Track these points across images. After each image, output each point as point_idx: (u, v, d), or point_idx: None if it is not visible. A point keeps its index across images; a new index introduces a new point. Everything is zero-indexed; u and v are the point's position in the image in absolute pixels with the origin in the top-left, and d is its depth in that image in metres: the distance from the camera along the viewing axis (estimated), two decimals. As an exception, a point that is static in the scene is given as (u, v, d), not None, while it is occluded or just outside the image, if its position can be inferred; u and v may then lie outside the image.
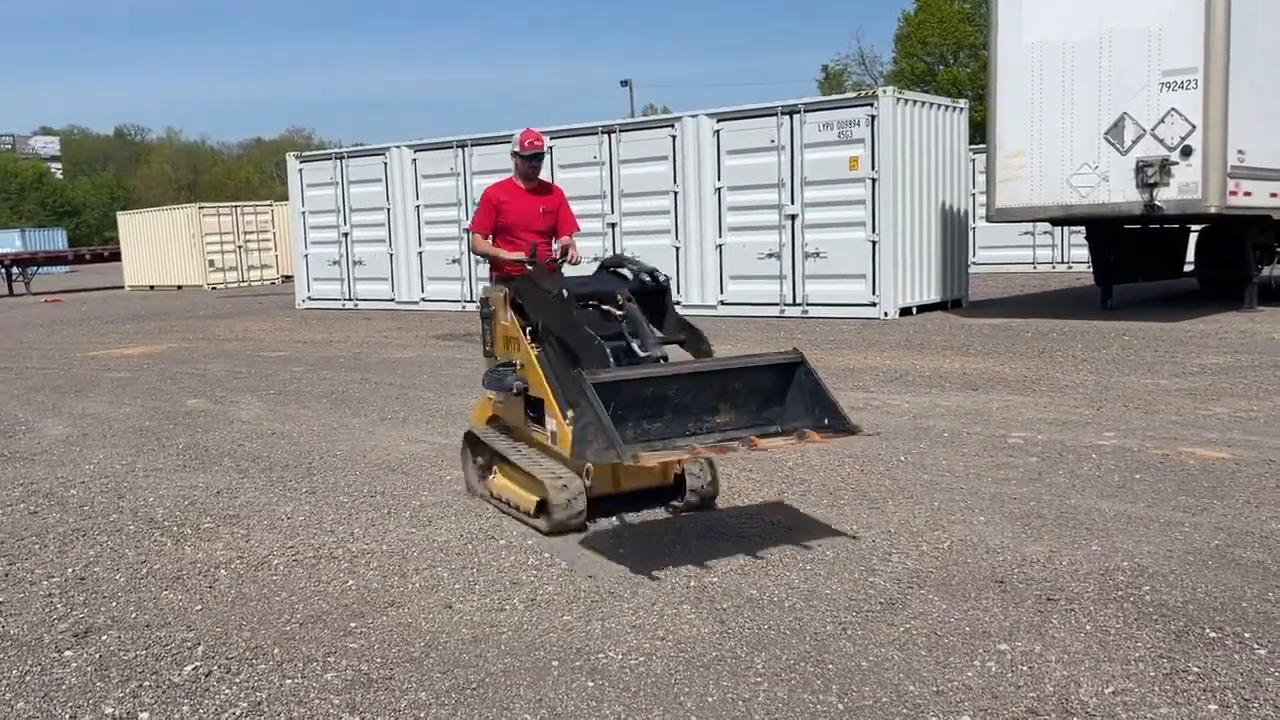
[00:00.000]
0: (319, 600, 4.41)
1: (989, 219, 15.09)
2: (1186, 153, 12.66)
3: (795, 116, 15.76)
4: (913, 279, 15.69)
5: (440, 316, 18.74)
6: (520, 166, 6.27)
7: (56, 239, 56.43)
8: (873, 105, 15.09)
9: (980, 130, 18.88)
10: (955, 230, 16.72)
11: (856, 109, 15.34)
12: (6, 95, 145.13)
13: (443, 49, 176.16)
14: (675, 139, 16.99)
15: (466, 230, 6.62)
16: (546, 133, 18.14)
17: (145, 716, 3.42)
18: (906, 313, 15.45)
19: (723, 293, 16.62)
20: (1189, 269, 17.11)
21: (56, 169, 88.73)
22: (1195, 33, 12.52)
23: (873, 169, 15.04)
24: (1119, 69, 13.01)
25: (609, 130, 17.92)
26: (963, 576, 4.36)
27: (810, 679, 3.49)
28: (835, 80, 57.43)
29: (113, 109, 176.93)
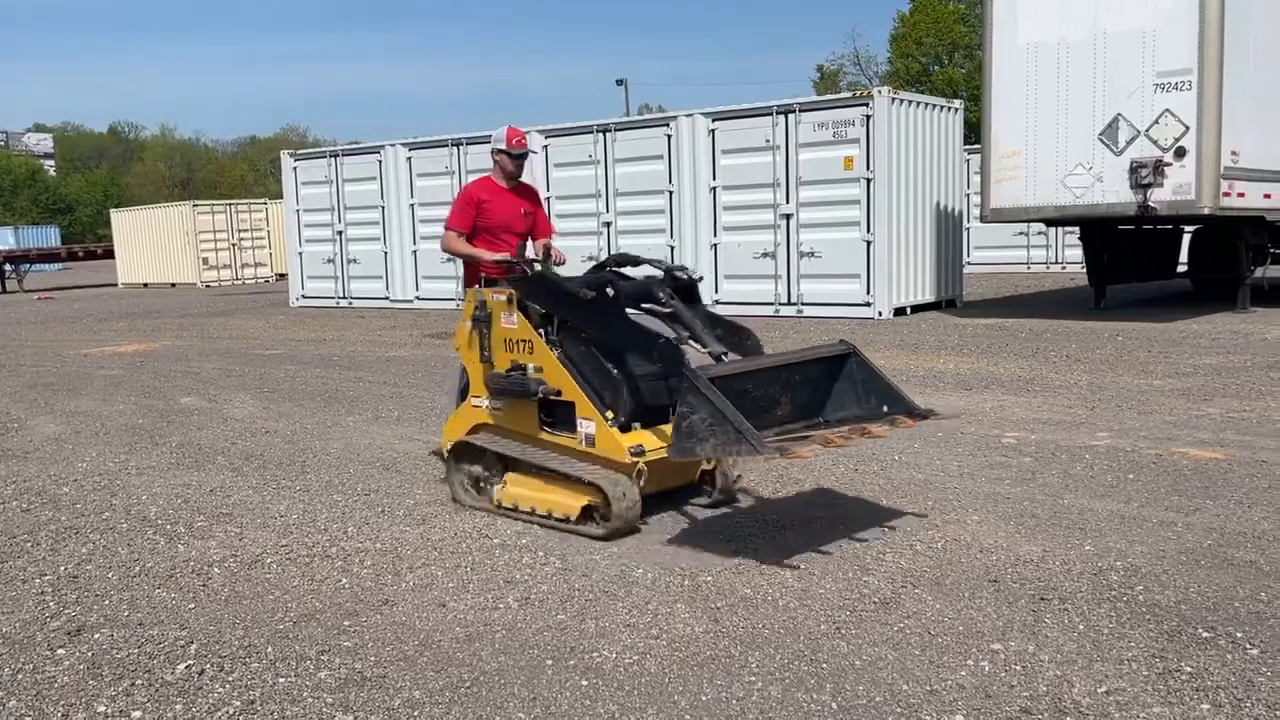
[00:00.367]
0: (312, 599, 4.41)
1: (983, 219, 15.10)
2: (1180, 154, 12.68)
3: (790, 116, 15.77)
4: (907, 279, 15.71)
5: (435, 315, 18.72)
6: (507, 165, 6.17)
7: (50, 236, 56.26)
8: (868, 105, 15.11)
9: (975, 131, 18.87)
10: (950, 230, 16.75)
11: (851, 109, 15.35)
12: (0, 91, 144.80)
13: (438, 47, 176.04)
14: (670, 138, 17.00)
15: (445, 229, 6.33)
16: (541, 131, 18.34)
17: (138, 715, 3.41)
18: (901, 312, 15.47)
19: (717, 292, 16.62)
20: (1182, 270, 17.14)
21: (50, 166, 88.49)
22: (1189, 34, 12.54)
23: (868, 169, 15.06)
24: (1113, 70, 13.03)
25: (604, 129, 17.92)
26: (956, 576, 4.37)
27: (804, 678, 3.49)
28: (830, 80, 57.53)
29: (107, 106, 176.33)
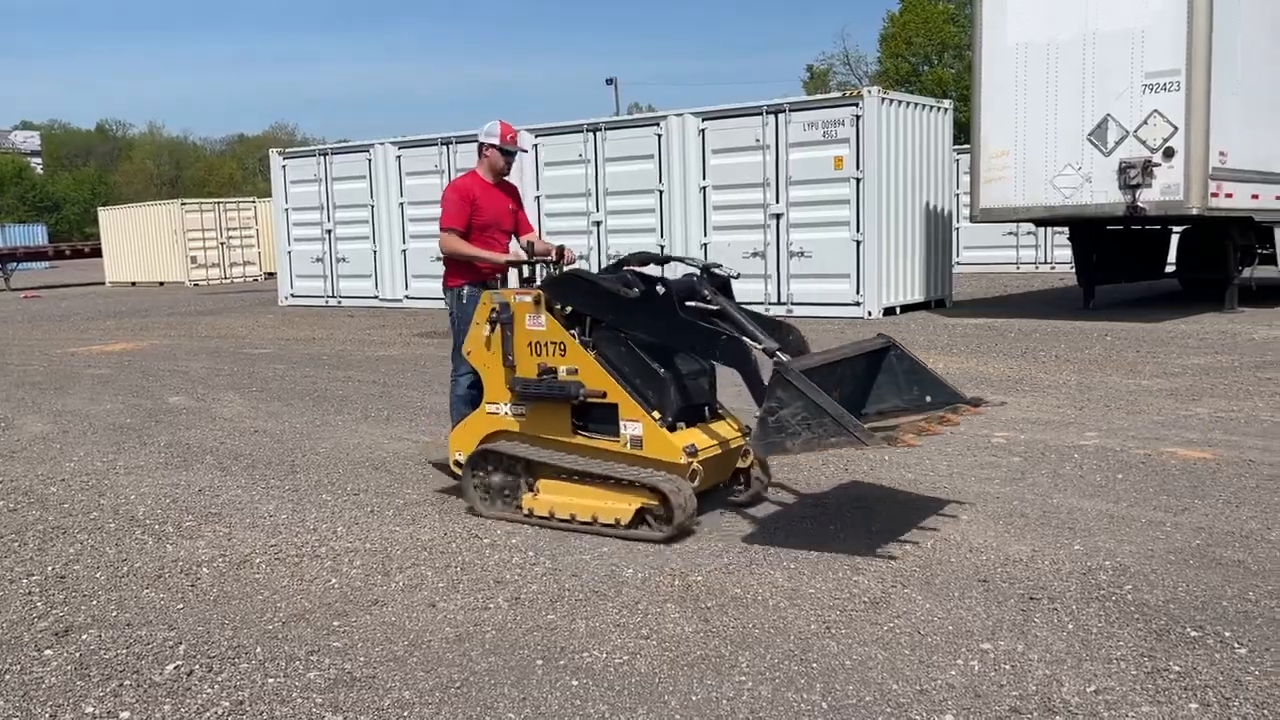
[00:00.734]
0: (302, 599, 4.39)
1: (973, 219, 15.15)
2: (1169, 154, 12.73)
3: (780, 116, 15.78)
4: (897, 279, 15.74)
5: (424, 314, 18.68)
6: (498, 161, 6.07)
7: (37, 234, 55.90)
8: (857, 105, 15.13)
9: (964, 131, 18.95)
10: (939, 230, 16.78)
11: (841, 109, 15.37)
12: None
13: (427, 46, 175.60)
14: (660, 138, 17.00)
15: (441, 229, 6.19)
16: (531, 130, 18.32)
17: (126, 716, 3.39)
18: (890, 312, 15.50)
19: (707, 291, 16.59)
20: (1171, 270, 17.22)
21: (37, 164, 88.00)
22: (1178, 35, 12.60)
23: (857, 169, 15.08)
24: (1102, 70, 13.08)
25: (594, 128, 17.91)
26: (946, 575, 4.38)
27: (794, 677, 3.50)
28: (820, 80, 57.64)
29: (94, 103, 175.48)
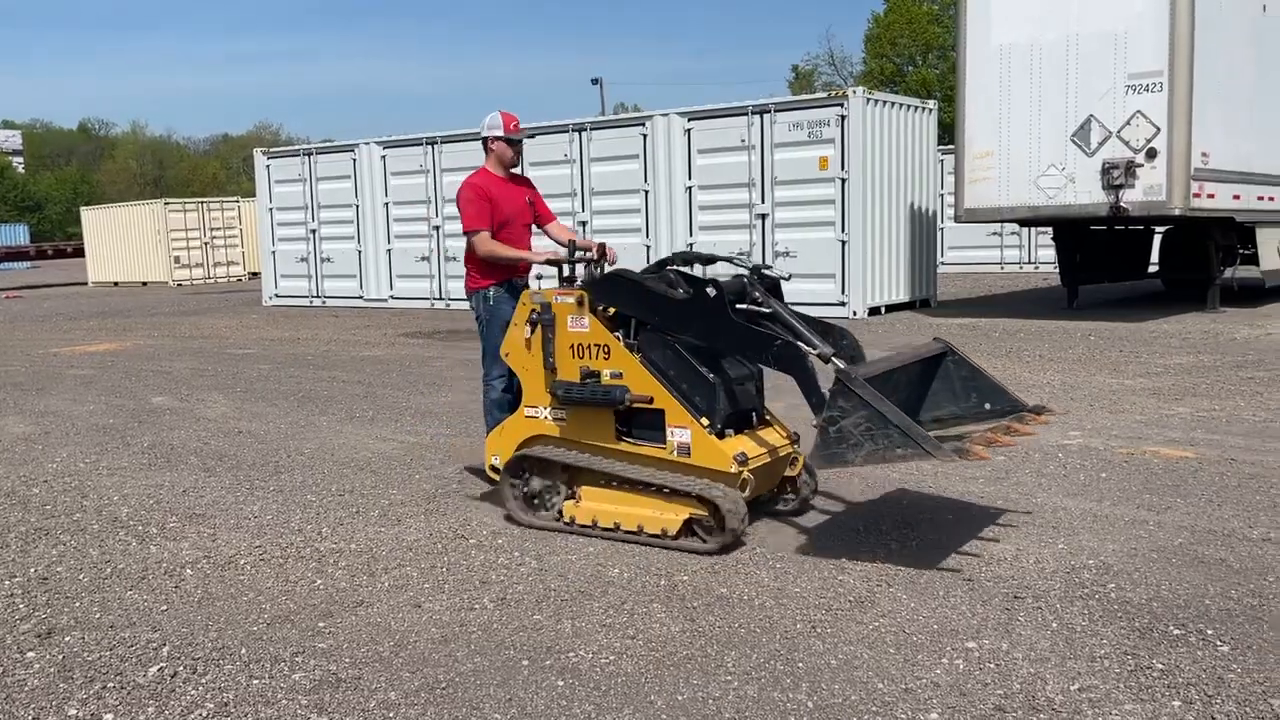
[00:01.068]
0: (286, 600, 4.38)
1: (957, 219, 15.20)
2: (1151, 155, 12.81)
3: (766, 116, 15.80)
4: (882, 279, 15.78)
5: (409, 314, 18.65)
6: (506, 153, 5.91)
7: (18, 234, 55.49)
8: (842, 105, 15.16)
9: (949, 131, 19.01)
10: (924, 230, 16.83)
11: (826, 109, 15.40)
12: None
13: (412, 45, 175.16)
14: (646, 137, 17.00)
15: (468, 232, 5.87)
16: (517, 130, 18.26)
17: (109, 718, 3.38)
18: (875, 312, 15.54)
19: (693, 291, 16.60)
20: (1154, 270, 17.32)
21: (18, 163, 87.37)
22: (1160, 36, 12.68)
23: (842, 169, 15.11)
24: (1085, 71, 13.15)
25: (580, 128, 17.89)
26: (931, 575, 4.39)
27: (780, 677, 3.50)
28: (805, 80, 57.74)
29: (77, 102, 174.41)
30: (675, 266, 5.30)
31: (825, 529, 5.12)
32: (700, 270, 5.53)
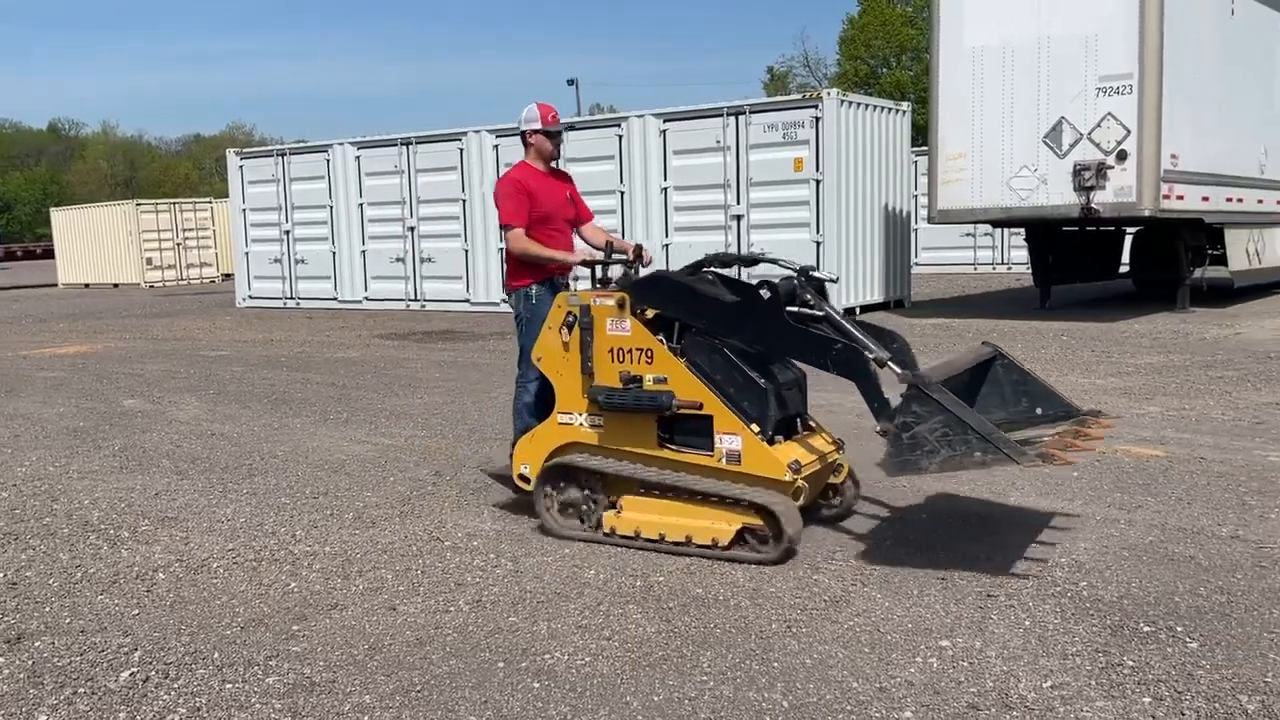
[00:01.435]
0: (260, 603, 4.35)
1: (931, 220, 15.31)
2: (1122, 157, 12.94)
3: (741, 118, 15.85)
4: (856, 279, 15.86)
5: (383, 315, 18.57)
6: (546, 146, 5.66)
7: (-13, 235, 55.02)
8: (817, 107, 15.23)
9: (922, 133, 19.11)
10: (898, 231, 16.93)
11: (801, 111, 15.47)
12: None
13: (387, 46, 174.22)
14: (622, 138, 17.00)
15: (503, 226, 5.61)
16: (492, 131, 18.24)
17: (80, 724, 3.35)
18: (850, 313, 15.49)
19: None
20: (1124, 270, 17.48)
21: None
22: (1131, 39, 12.81)
23: (817, 170, 15.17)
24: (1057, 73, 13.26)
25: (555, 129, 17.84)
26: (905, 574, 4.41)
27: (755, 677, 3.51)
28: (780, 82, 57.95)
29: (46, 102, 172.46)
30: (713, 268, 5.10)
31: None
32: (738, 273, 5.31)
